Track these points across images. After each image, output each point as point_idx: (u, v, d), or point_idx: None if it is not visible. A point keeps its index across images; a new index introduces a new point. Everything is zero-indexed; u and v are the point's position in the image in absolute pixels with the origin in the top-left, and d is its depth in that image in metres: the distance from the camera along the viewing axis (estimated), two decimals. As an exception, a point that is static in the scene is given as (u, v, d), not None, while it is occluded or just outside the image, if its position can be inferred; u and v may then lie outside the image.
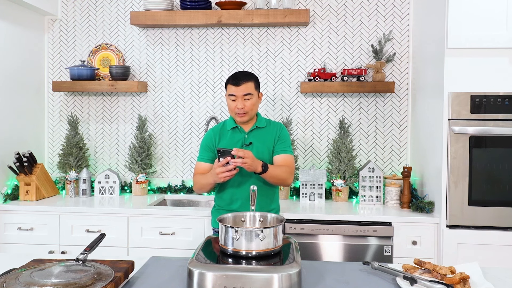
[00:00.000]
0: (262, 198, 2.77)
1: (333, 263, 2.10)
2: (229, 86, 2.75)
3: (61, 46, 4.06)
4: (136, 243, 3.29)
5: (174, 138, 4.00)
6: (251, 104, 2.74)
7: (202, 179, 2.75)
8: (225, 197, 2.81)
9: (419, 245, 3.11)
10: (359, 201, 3.54)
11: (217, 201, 2.87)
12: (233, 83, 2.72)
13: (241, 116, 2.74)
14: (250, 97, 2.73)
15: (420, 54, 3.57)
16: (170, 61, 3.98)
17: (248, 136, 2.79)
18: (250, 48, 3.91)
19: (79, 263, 1.73)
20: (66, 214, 3.33)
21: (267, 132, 2.84)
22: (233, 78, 2.75)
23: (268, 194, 2.82)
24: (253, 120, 2.83)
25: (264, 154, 2.78)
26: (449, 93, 2.98)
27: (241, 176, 2.73)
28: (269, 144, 2.81)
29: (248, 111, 2.73)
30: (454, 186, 3.00)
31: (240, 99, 2.71)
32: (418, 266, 1.93)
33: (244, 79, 2.73)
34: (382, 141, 3.84)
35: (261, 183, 2.76)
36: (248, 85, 2.73)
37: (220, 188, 2.83)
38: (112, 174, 3.78)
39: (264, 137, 2.81)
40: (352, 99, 3.85)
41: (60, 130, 4.08)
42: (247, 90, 2.72)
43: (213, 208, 2.92)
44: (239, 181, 2.75)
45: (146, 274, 1.92)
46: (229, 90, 2.74)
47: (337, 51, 3.85)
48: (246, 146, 2.75)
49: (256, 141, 2.78)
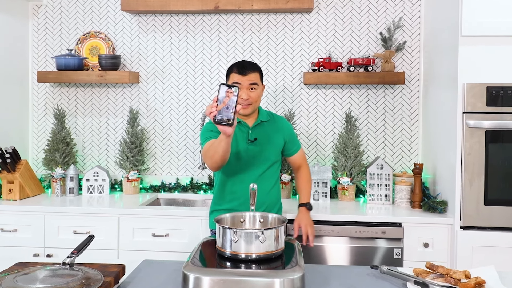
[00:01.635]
0: (267, 196, 2.79)
1: (338, 267, 2.11)
2: (233, 75, 2.73)
3: (46, 34, 4.05)
4: (127, 246, 3.28)
5: (168, 133, 3.99)
6: (256, 96, 2.74)
7: (211, 146, 2.53)
8: (225, 195, 2.81)
9: (431, 247, 3.11)
10: (366, 200, 3.55)
11: (216, 200, 2.87)
12: (239, 72, 2.71)
13: (245, 108, 2.73)
14: (255, 88, 2.73)
15: (432, 43, 3.56)
16: (164, 50, 3.97)
17: (252, 131, 2.79)
18: (249, 36, 3.90)
19: (66, 267, 1.73)
20: (52, 214, 3.33)
21: (272, 127, 2.85)
22: (238, 66, 2.74)
23: (272, 192, 2.85)
24: (255, 113, 2.83)
25: (269, 151, 2.80)
26: (464, 84, 2.98)
27: (242, 172, 2.74)
28: (274, 140, 2.83)
29: (252, 103, 2.74)
30: (469, 184, 2.99)
31: (246, 89, 2.71)
32: (430, 270, 1.93)
33: (251, 68, 2.74)
34: (391, 136, 3.83)
35: (265, 181, 2.77)
36: (254, 75, 2.73)
37: (220, 185, 2.83)
38: (102, 171, 3.77)
39: (268, 133, 2.82)
40: (359, 90, 3.84)
41: (45, 124, 4.07)
42: (253, 80, 2.72)
43: (211, 207, 2.92)
44: (240, 178, 2.75)
45: (138, 279, 1.92)
46: (232, 79, 2.73)
47: (343, 39, 3.84)
48: (251, 142, 2.75)
49: (261, 137, 2.79)
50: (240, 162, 2.73)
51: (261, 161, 2.78)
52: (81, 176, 3.92)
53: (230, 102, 2.06)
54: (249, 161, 2.75)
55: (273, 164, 2.84)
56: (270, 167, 2.82)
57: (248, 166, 2.75)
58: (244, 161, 2.74)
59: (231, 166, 2.71)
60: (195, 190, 3.86)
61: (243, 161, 2.74)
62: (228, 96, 2.05)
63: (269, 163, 2.81)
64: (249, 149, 2.75)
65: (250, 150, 2.75)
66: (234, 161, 2.70)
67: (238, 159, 2.73)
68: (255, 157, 2.76)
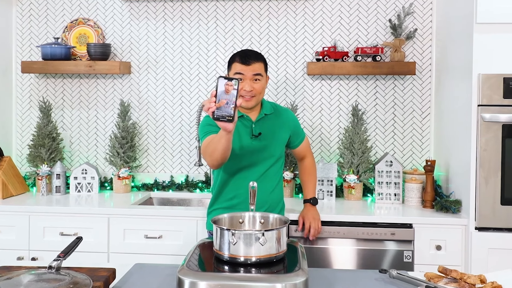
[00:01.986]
0: (270, 196, 2.80)
1: (344, 271, 2.11)
2: (235, 65, 2.73)
3: (31, 21, 4.04)
4: (118, 248, 3.28)
5: (161, 127, 3.99)
6: (260, 87, 2.74)
7: (211, 142, 2.53)
8: (225, 193, 2.82)
9: (444, 250, 3.11)
10: (374, 199, 3.55)
11: (216, 198, 2.87)
12: (242, 61, 2.71)
13: (248, 100, 2.72)
14: (260, 79, 2.73)
15: (445, 30, 3.55)
16: (157, 38, 3.96)
17: (255, 125, 2.78)
18: (249, 24, 3.89)
19: (52, 271, 1.73)
20: (37, 215, 3.33)
21: (276, 120, 2.86)
22: (241, 55, 2.73)
23: (276, 191, 2.86)
24: (258, 106, 2.83)
25: (274, 146, 2.81)
26: (479, 75, 2.97)
27: (245, 169, 2.75)
28: (279, 134, 2.84)
29: (256, 95, 2.73)
30: (485, 182, 2.99)
31: (249, 80, 2.70)
32: (443, 274, 1.93)
33: (255, 57, 2.73)
34: (401, 130, 3.83)
35: (268, 178, 2.78)
36: (258, 65, 2.73)
37: (220, 184, 2.83)
38: (90, 168, 3.77)
39: (273, 126, 2.83)
40: (367, 82, 3.83)
41: (30, 118, 4.07)
42: (257, 70, 2.72)
43: (210, 206, 2.92)
44: (243, 175, 2.75)
45: (129, 284, 1.92)
46: (235, 69, 2.72)
47: (349, 27, 3.84)
48: (255, 137, 2.75)
49: (265, 132, 2.79)
50: (243, 159, 2.73)
51: (266, 157, 2.78)
52: (68, 173, 3.92)
53: (230, 96, 2.03)
54: (252, 157, 2.75)
55: (277, 161, 2.85)
56: (274, 164, 2.83)
57: (252, 163, 2.75)
58: (248, 158, 2.74)
59: (233, 163, 2.70)
60: (190, 188, 3.86)
61: (247, 158, 2.74)
62: (228, 90, 2.02)
63: (273, 160, 2.82)
64: (253, 144, 2.75)
65: (254, 146, 2.75)
66: (236, 158, 2.70)
67: (241, 156, 2.72)
68: (259, 153, 2.76)
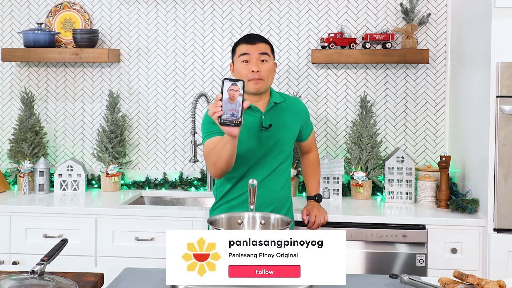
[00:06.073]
0: (278, 194, 2.81)
1: (352, 276, 2.10)
2: (240, 46, 2.80)
3: (12, 5, 4.03)
4: (106, 251, 3.29)
5: (153, 120, 3.99)
6: (267, 69, 2.77)
7: (213, 150, 2.57)
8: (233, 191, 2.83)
9: (459, 253, 3.11)
10: (384, 198, 3.55)
11: (221, 197, 2.89)
12: (247, 41, 2.80)
13: (256, 83, 2.74)
14: (267, 59, 2.78)
15: (461, 15, 3.55)
16: (149, 24, 3.95)
17: (265, 116, 2.78)
18: (248, 8, 3.88)
19: (35, 276, 1.73)
20: (19, 215, 3.33)
21: (287, 110, 2.88)
22: (245, 37, 2.84)
23: (285, 189, 2.88)
24: (266, 95, 2.85)
25: (286, 139, 2.84)
26: (498, 64, 2.97)
27: (254, 167, 2.76)
28: (290, 126, 2.87)
29: (264, 78, 2.76)
30: (504, 179, 2.99)
31: (255, 60, 2.75)
32: (459, 280, 1.93)
33: (260, 38, 2.84)
34: (413, 123, 3.83)
35: (278, 176, 2.80)
36: (264, 45, 2.82)
37: (222, 181, 2.84)
38: (76, 165, 3.77)
39: (283, 117, 2.85)
40: (376, 71, 3.83)
41: (11, 110, 4.07)
42: (263, 50, 2.78)
43: (212, 206, 2.94)
44: (252, 173, 2.75)
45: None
46: (240, 50, 2.79)
47: (357, 11, 3.83)
48: (265, 129, 2.74)
49: (276, 123, 2.80)
50: (252, 154, 2.74)
51: (276, 152, 2.80)
52: (52, 170, 3.91)
53: (235, 105, 2.11)
54: (262, 152, 2.76)
55: (288, 157, 2.88)
56: (285, 160, 2.86)
57: (261, 158, 2.76)
58: (257, 153, 2.75)
59: (241, 159, 2.69)
60: (185, 186, 3.86)
61: (256, 153, 2.75)
62: (234, 95, 2.09)
63: (284, 155, 2.84)
64: (262, 137, 2.75)
65: (264, 139, 2.76)
66: (244, 153, 2.70)
67: (250, 151, 2.73)
68: (270, 146, 2.78)
